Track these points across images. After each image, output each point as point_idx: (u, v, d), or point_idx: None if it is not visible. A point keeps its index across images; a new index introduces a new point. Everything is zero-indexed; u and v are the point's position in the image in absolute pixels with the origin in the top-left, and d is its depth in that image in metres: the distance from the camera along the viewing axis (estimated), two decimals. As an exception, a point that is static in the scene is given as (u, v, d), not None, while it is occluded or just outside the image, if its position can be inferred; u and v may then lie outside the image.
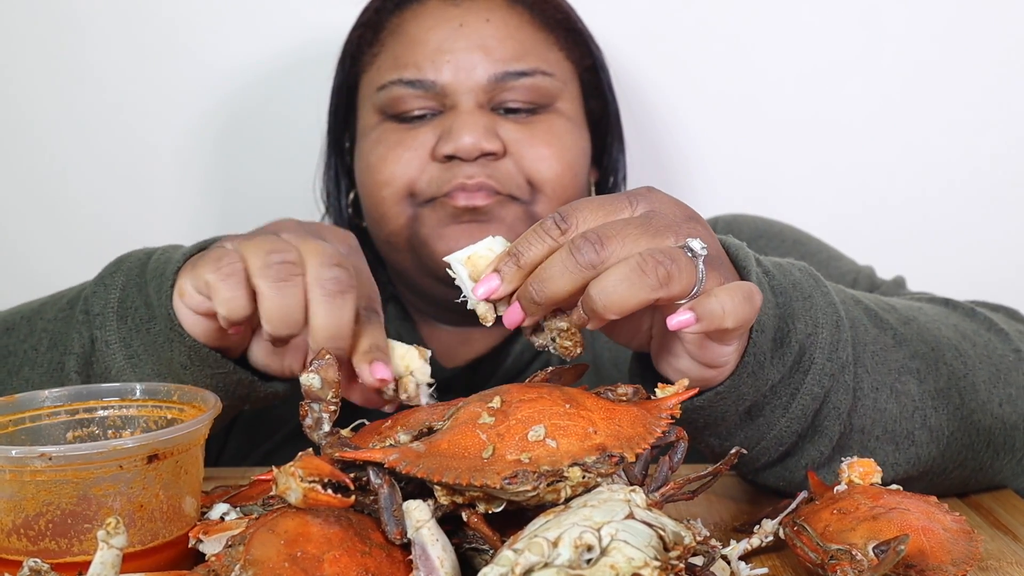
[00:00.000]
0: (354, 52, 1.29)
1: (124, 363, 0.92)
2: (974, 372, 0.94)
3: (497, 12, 1.22)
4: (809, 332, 0.86)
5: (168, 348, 0.90)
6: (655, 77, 1.57)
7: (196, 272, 0.86)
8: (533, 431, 0.69)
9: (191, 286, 0.87)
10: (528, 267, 0.77)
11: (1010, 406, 0.95)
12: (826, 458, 0.90)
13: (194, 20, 1.59)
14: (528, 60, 1.20)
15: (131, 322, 0.92)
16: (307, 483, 0.67)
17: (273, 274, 0.81)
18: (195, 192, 1.63)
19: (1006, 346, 0.98)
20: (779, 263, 0.90)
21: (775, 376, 0.85)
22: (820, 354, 0.86)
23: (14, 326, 1.02)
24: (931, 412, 0.91)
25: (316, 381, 0.77)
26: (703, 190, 1.59)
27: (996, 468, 0.98)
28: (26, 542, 0.73)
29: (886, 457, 0.90)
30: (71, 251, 1.63)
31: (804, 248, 1.26)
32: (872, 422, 0.90)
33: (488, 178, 1.16)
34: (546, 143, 1.19)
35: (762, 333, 0.83)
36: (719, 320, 0.73)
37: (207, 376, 0.91)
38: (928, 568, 0.73)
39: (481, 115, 1.18)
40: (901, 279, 1.21)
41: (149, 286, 0.92)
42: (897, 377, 0.91)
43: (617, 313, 0.73)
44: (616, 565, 0.60)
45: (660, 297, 0.73)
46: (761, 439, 0.88)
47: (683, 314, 0.73)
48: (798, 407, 0.87)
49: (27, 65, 1.60)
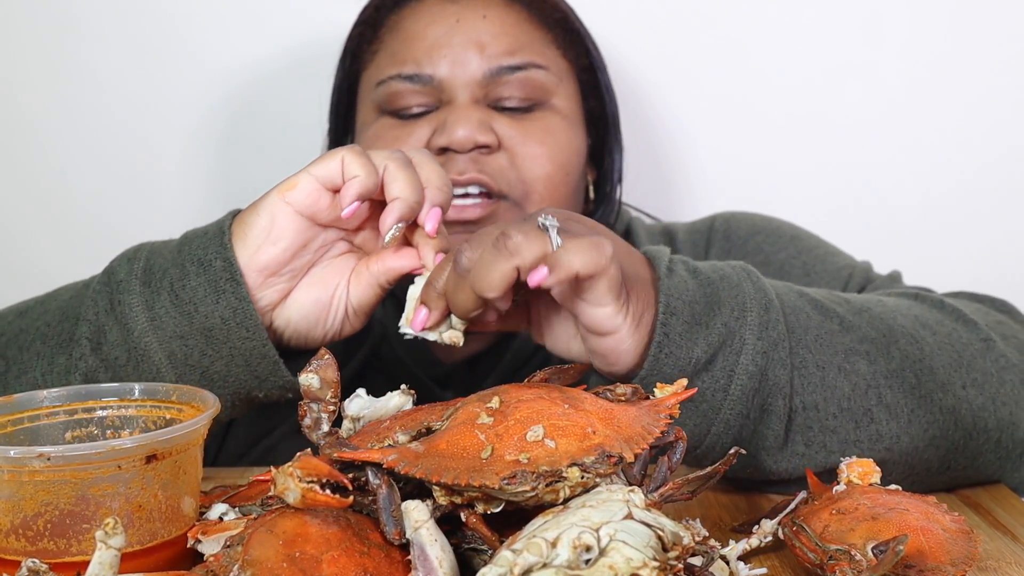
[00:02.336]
0: (354, 50, 1.29)
1: (146, 325, 0.93)
2: (931, 357, 0.96)
3: (494, 9, 1.22)
4: (736, 316, 0.91)
5: (212, 301, 0.92)
6: (653, 78, 1.57)
7: (320, 161, 0.92)
8: (532, 431, 0.69)
9: (310, 175, 0.92)
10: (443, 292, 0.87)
11: (975, 389, 0.97)
12: (783, 439, 0.92)
13: (194, 20, 1.59)
14: (522, 54, 1.21)
15: (155, 285, 0.93)
16: (305, 483, 0.67)
17: (399, 158, 0.93)
18: (195, 191, 1.63)
19: (973, 335, 1.00)
20: (714, 263, 0.96)
21: (700, 354, 0.89)
22: (750, 334, 0.90)
23: (28, 309, 1.03)
24: (886, 391, 0.94)
25: (315, 381, 0.77)
26: (701, 190, 1.59)
27: (973, 450, 0.98)
28: (24, 542, 0.73)
29: (847, 435, 0.93)
30: (71, 251, 1.63)
31: (801, 244, 1.26)
32: (824, 399, 0.92)
33: (480, 173, 1.16)
34: (539, 141, 1.19)
35: (673, 315, 0.89)
36: (567, 267, 0.80)
37: (239, 339, 0.92)
38: (927, 568, 0.73)
39: (476, 109, 1.19)
40: (897, 274, 1.22)
41: (189, 246, 0.94)
42: (845, 358, 0.94)
43: (489, 289, 0.81)
44: (615, 565, 0.60)
45: (516, 265, 0.80)
46: (710, 425, 0.91)
47: (538, 270, 0.80)
48: (737, 387, 0.90)
49: (27, 65, 1.61)
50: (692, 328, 0.89)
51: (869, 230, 1.56)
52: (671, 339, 0.88)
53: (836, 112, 1.57)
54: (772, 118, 1.57)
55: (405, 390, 0.82)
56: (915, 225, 1.58)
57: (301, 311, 0.96)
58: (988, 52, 1.55)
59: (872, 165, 1.57)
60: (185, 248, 0.94)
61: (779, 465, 0.93)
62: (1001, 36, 1.54)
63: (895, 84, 1.56)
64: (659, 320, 0.88)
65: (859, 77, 1.56)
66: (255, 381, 0.95)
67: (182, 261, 0.94)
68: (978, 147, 1.56)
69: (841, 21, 1.55)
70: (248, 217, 0.94)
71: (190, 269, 0.93)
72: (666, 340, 0.88)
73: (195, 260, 0.93)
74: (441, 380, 1.29)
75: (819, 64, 1.56)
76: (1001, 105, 1.55)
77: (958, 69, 1.55)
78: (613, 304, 0.85)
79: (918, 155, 1.57)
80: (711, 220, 1.32)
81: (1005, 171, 1.57)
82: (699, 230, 1.32)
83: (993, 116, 1.55)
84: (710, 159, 1.59)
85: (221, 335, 0.92)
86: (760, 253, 1.25)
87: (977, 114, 1.56)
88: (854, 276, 1.21)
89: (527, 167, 1.19)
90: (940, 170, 1.57)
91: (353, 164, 0.91)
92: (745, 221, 1.30)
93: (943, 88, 1.56)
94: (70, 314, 0.97)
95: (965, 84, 1.55)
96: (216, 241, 0.93)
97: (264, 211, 0.93)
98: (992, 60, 1.55)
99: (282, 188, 0.93)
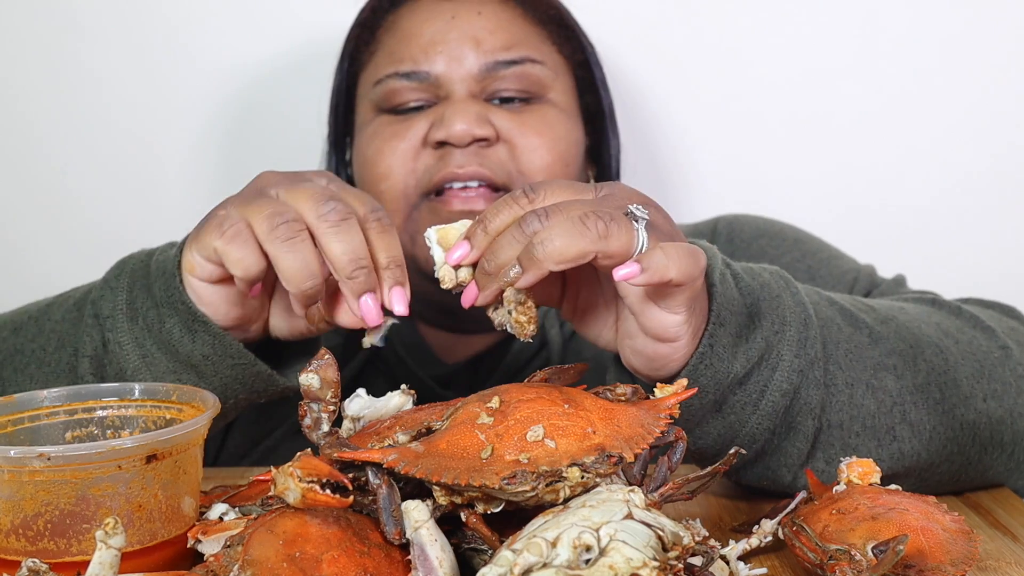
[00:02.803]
0: (352, 52, 1.30)
1: (139, 362, 0.93)
2: (955, 368, 0.95)
3: (488, 6, 1.23)
4: (776, 329, 0.88)
5: (189, 341, 0.91)
6: (650, 77, 1.57)
7: (201, 241, 0.87)
8: (532, 431, 0.69)
9: (199, 256, 0.88)
10: (494, 233, 0.81)
11: (995, 401, 0.96)
12: (805, 456, 0.91)
13: (194, 21, 1.59)
14: (518, 49, 1.22)
15: (142, 323, 0.93)
16: (305, 483, 0.67)
17: (281, 235, 0.83)
18: (195, 192, 1.62)
19: (992, 343, 0.99)
20: (750, 267, 0.92)
21: (738, 369, 0.86)
22: (788, 351, 0.88)
23: (21, 326, 1.02)
24: (911, 408, 0.92)
25: (315, 381, 0.77)
26: (699, 190, 1.59)
27: (986, 463, 0.98)
28: (25, 542, 0.73)
29: (868, 453, 0.91)
30: (71, 252, 1.63)
31: (804, 247, 1.26)
32: (850, 418, 0.91)
33: (480, 167, 1.17)
34: (538, 132, 1.20)
35: (721, 326, 0.85)
36: (662, 270, 0.75)
37: (228, 368, 0.92)
38: (927, 568, 0.73)
39: (473, 103, 1.19)
40: (901, 277, 1.22)
41: (155, 286, 0.93)
42: (873, 374, 0.92)
43: (557, 261, 0.75)
44: (615, 565, 0.60)
45: (599, 250, 0.76)
46: (734, 436, 0.89)
47: (629, 266, 0.75)
48: (768, 404, 0.88)
49: (27, 65, 1.61)
50: (736, 341, 0.86)
51: (868, 230, 1.56)
52: (715, 351, 0.85)
53: (834, 111, 1.57)
54: (770, 118, 1.57)
55: (405, 390, 0.82)
56: (915, 226, 1.58)
57: (286, 323, 0.95)
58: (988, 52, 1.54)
59: (871, 165, 1.57)
60: (154, 287, 0.93)
61: (798, 481, 0.92)
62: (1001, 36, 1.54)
63: (894, 83, 1.56)
64: (707, 332, 0.84)
65: (857, 76, 1.56)
66: (254, 394, 0.96)
67: (156, 303, 0.92)
68: (979, 147, 1.56)
69: (839, 21, 1.55)
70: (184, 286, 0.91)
71: (163, 311, 0.92)
72: (709, 352, 0.85)
73: (164, 302, 0.92)
74: (442, 380, 1.29)
75: (817, 63, 1.56)
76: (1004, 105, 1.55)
77: (959, 70, 1.55)
78: (685, 313, 0.81)
79: (918, 155, 1.57)
80: (714, 222, 1.32)
81: (1005, 171, 1.56)
82: (702, 232, 1.32)
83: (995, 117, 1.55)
84: (708, 159, 1.59)
85: (209, 368, 0.92)
86: (764, 256, 1.25)
87: (979, 115, 1.55)
88: (859, 280, 1.21)
89: (526, 159, 1.19)
90: (940, 171, 1.57)
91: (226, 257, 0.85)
92: (749, 224, 1.30)
93: (944, 89, 1.55)
94: (66, 342, 0.97)
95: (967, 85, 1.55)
96: (173, 284, 0.91)
97: (188, 286, 0.91)
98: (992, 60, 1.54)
99: (185, 266, 0.90)
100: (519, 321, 0.82)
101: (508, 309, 0.82)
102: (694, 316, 0.83)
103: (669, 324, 0.82)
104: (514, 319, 0.82)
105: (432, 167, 1.18)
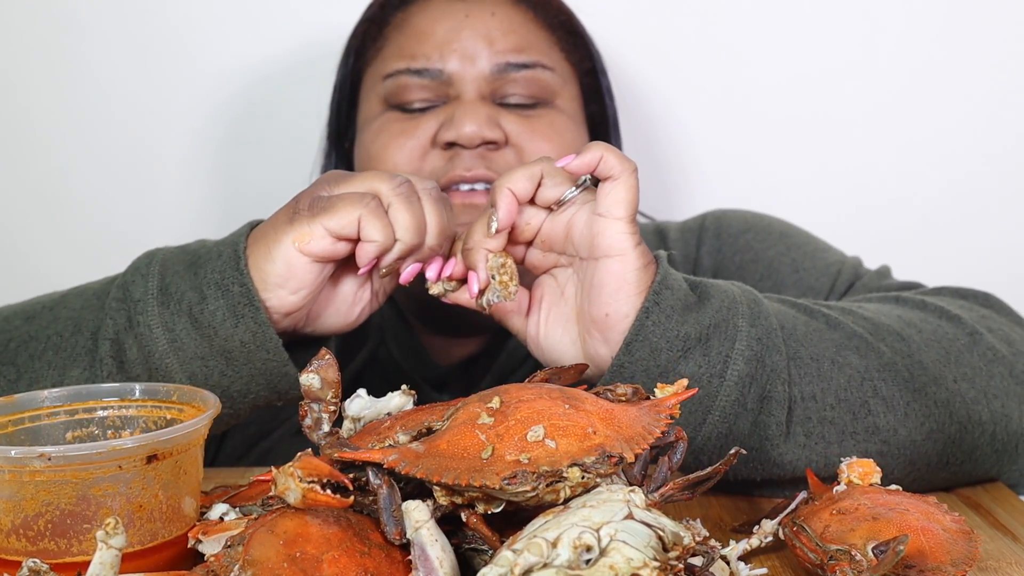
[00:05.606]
0: (358, 47, 1.29)
1: (167, 346, 0.94)
2: (920, 352, 0.97)
3: (501, 8, 1.23)
4: (727, 305, 0.93)
5: (232, 325, 0.93)
6: (651, 77, 1.57)
7: (337, 213, 0.91)
8: (532, 431, 0.69)
9: (326, 228, 0.91)
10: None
11: (966, 383, 0.97)
12: (785, 427, 0.92)
13: (194, 21, 1.59)
14: (530, 53, 1.22)
15: (174, 307, 0.94)
16: (306, 483, 0.67)
17: (404, 192, 0.94)
18: (195, 192, 1.63)
19: (959, 330, 1.01)
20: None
21: (689, 331, 0.90)
22: (743, 321, 0.92)
23: (35, 315, 1.02)
24: (880, 383, 0.94)
25: (316, 381, 0.77)
26: (699, 190, 1.59)
27: (970, 444, 0.98)
28: (25, 542, 0.73)
29: (845, 426, 0.92)
30: (71, 251, 1.63)
31: (790, 240, 1.27)
32: (821, 391, 0.93)
33: (487, 170, 1.17)
34: (546, 138, 1.20)
35: (668, 289, 0.91)
36: (596, 155, 0.89)
37: (260, 360, 0.94)
38: (927, 568, 0.73)
39: (484, 105, 1.19)
40: (886, 268, 1.22)
41: (204, 268, 0.94)
42: (836, 351, 0.95)
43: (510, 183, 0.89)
44: (615, 565, 0.60)
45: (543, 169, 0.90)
46: (707, 413, 0.91)
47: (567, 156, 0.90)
48: (733, 372, 0.90)
49: (27, 65, 1.61)
50: (684, 307, 0.91)
51: (870, 230, 1.56)
52: (661, 308, 0.90)
53: (834, 112, 1.57)
54: (770, 118, 1.57)
55: (406, 390, 0.82)
56: (914, 224, 1.58)
57: (324, 321, 0.99)
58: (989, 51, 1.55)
59: (873, 164, 1.57)
60: (201, 271, 0.95)
61: (783, 457, 0.92)
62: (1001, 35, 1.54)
63: (894, 83, 1.56)
64: (652, 288, 0.90)
65: (857, 76, 1.56)
66: (275, 395, 0.97)
67: (199, 284, 0.94)
68: (978, 146, 1.56)
69: (839, 21, 1.55)
70: (264, 264, 0.93)
71: (208, 293, 0.93)
72: (656, 308, 0.89)
73: (212, 284, 0.93)
74: (437, 383, 1.29)
75: (817, 64, 1.56)
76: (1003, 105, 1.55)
77: (959, 70, 1.55)
78: (626, 219, 0.89)
79: (919, 154, 1.57)
80: (702, 218, 1.33)
81: (1005, 170, 1.57)
82: (690, 228, 1.32)
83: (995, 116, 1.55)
84: (708, 159, 1.59)
85: (241, 357, 0.94)
86: (750, 250, 1.26)
87: (978, 115, 1.55)
88: (843, 271, 1.21)
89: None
90: (941, 170, 1.57)
91: (370, 228, 0.91)
92: (735, 218, 1.31)
93: (943, 89, 1.56)
94: (83, 327, 0.98)
95: (966, 85, 1.55)
96: (232, 266, 0.94)
97: (279, 259, 0.93)
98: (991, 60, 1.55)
99: (296, 237, 0.92)
100: (503, 282, 0.91)
101: (492, 275, 0.91)
102: (639, 243, 0.91)
103: (615, 232, 0.89)
104: (499, 282, 0.91)
105: (439, 168, 1.18)
